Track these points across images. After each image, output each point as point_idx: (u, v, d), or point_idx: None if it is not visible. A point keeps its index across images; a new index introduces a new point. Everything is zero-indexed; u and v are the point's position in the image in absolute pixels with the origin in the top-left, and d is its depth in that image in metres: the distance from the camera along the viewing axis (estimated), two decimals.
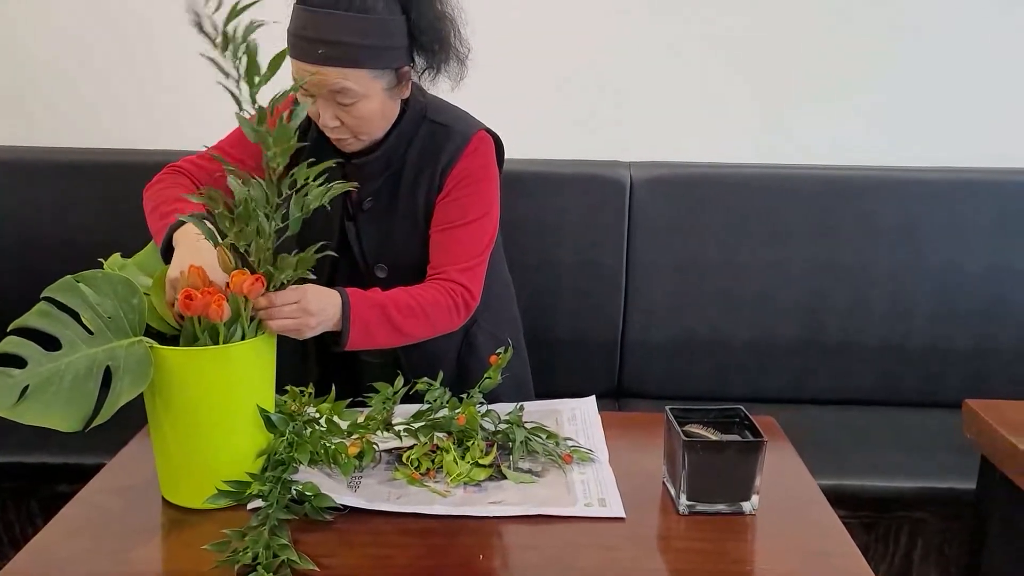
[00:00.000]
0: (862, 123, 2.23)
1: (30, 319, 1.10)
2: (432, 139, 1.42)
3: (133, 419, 1.23)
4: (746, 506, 1.17)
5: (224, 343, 1.12)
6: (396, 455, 1.31)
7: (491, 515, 1.15)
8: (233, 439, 1.16)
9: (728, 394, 2.12)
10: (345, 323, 1.26)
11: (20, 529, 1.90)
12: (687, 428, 1.19)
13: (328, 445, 1.24)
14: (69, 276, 1.11)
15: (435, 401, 1.33)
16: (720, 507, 1.17)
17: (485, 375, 1.32)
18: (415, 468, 1.26)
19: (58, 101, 2.26)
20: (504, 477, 1.25)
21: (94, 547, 1.08)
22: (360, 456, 1.26)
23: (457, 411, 1.30)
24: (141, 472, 1.23)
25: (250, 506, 1.15)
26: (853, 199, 2.09)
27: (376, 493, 1.21)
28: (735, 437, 1.20)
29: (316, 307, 1.21)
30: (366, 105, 1.31)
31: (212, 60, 1.07)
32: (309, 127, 1.43)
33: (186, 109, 2.22)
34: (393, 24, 1.30)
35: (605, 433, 1.37)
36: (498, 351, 1.34)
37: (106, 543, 1.09)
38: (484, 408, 1.35)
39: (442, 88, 1.42)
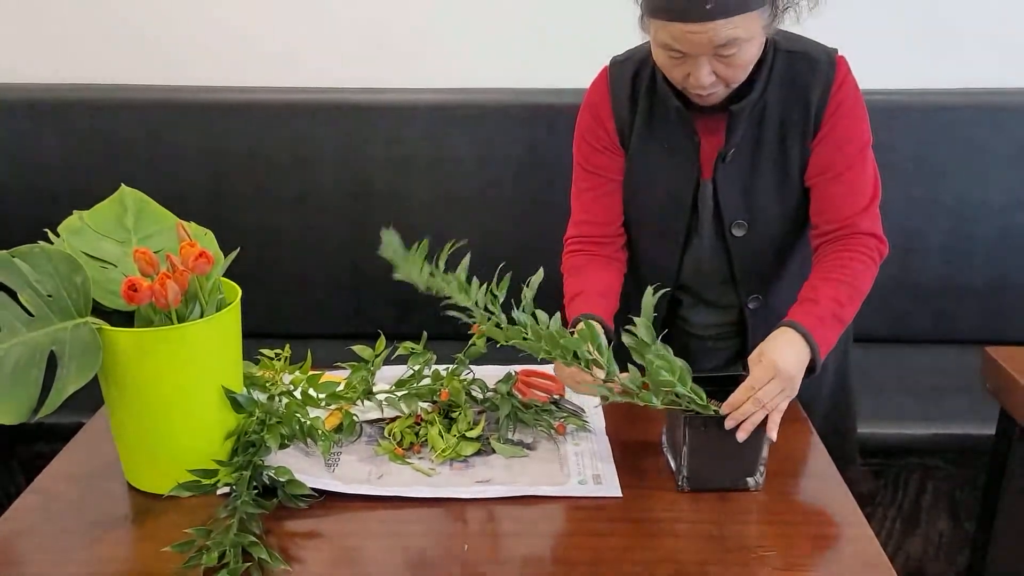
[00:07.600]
0: (871, 43, 2.07)
1: None
2: (792, 72, 1.26)
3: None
4: (751, 482, 1.09)
5: (180, 322, 1.02)
6: (379, 428, 1.23)
7: (478, 497, 1.08)
8: (197, 422, 1.07)
9: None
10: (815, 354, 1.15)
11: (3, 488, 1.84)
12: None
13: (304, 420, 1.15)
14: (3, 251, 1.00)
15: (419, 368, 1.24)
16: (723, 482, 1.09)
17: (470, 342, 1.23)
18: (398, 443, 1.18)
19: (14, 32, 2.11)
20: (493, 451, 1.17)
21: (50, 545, 1.00)
22: (339, 429, 1.19)
23: (440, 383, 1.21)
24: (103, 454, 1.14)
25: (220, 491, 1.07)
26: None
27: (355, 472, 1.13)
28: None
29: (785, 364, 1.11)
30: (748, 50, 1.16)
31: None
32: (635, 99, 1.30)
33: (164, 42, 2.07)
34: None
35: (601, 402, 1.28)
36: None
37: (64, 539, 1.01)
38: (471, 376, 1.26)
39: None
